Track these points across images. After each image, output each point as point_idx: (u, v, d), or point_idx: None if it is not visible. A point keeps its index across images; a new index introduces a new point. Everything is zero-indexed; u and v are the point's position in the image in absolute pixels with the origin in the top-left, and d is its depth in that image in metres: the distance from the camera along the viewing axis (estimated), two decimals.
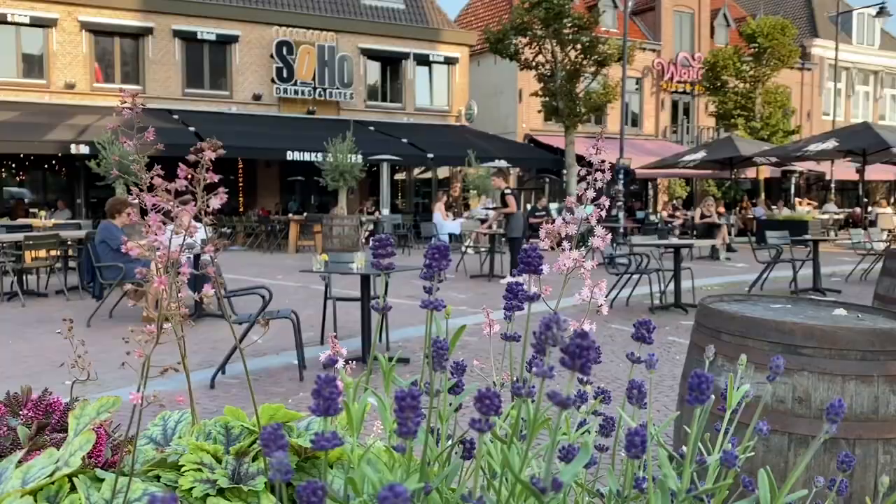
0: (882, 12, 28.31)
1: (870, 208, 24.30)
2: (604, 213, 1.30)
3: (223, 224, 19.56)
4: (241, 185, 23.23)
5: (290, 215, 19.51)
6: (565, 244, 1.27)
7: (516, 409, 1.12)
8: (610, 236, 1.35)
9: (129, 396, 1.26)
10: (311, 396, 0.86)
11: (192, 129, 18.98)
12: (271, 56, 21.93)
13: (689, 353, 2.48)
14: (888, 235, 17.17)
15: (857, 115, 33.86)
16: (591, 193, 1.31)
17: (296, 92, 22.16)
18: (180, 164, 1.21)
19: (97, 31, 20.36)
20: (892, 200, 31.60)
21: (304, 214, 19.87)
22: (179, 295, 1.27)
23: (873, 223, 20.81)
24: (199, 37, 21.31)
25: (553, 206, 21.95)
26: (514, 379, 1.32)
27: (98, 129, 16.79)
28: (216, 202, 1.22)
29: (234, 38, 21.74)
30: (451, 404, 1.28)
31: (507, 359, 1.56)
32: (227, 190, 1.23)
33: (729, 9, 32.06)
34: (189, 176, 1.22)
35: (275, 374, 5.78)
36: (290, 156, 19.10)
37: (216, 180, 1.24)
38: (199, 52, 21.65)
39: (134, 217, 1.35)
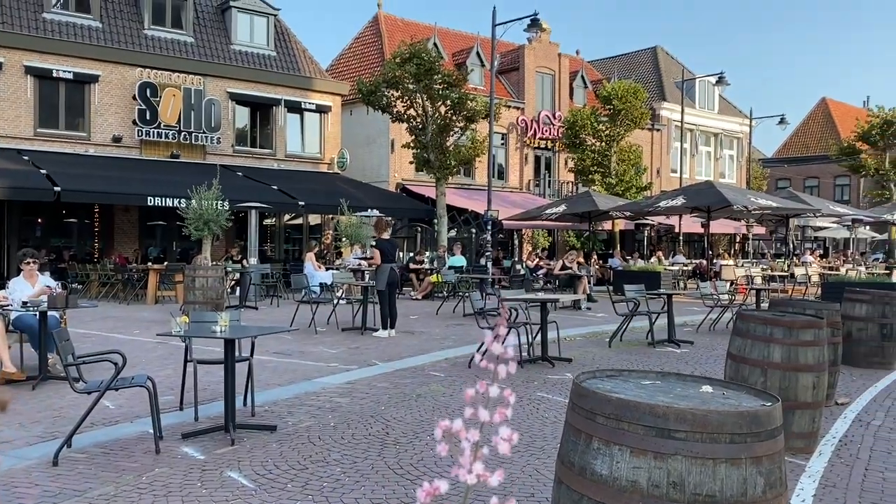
0: (721, 81, 31.07)
1: (714, 260, 26.19)
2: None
3: (76, 274, 18.24)
4: (96, 229, 21.83)
5: (150, 263, 18.49)
6: (467, 443, 1.11)
7: None
8: (516, 365, 1.27)
9: None
10: (168, 474, 0.73)
11: (43, 171, 17.72)
12: (134, 97, 20.97)
13: (566, 434, 2.48)
14: (731, 286, 18.57)
15: (701, 172, 36.75)
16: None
17: (159, 135, 21.26)
18: None
19: None
20: (732, 252, 34.27)
21: (165, 263, 18.89)
22: None
23: (718, 274, 22.42)
24: (54, 75, 20.06)
25: (427, 254, 22.14)
26: None
27: None
28: None
29: (94, 78, 20.63)
30: None
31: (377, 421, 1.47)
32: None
33: (586, 72, 34.11)
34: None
35: (128, 445, 5.33)
36: (151, 201, 18.19)
37: None
38: (54, 90, 20.33)
39: None
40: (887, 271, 23.40)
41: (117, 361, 5.03)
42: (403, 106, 22.03)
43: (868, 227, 32.07)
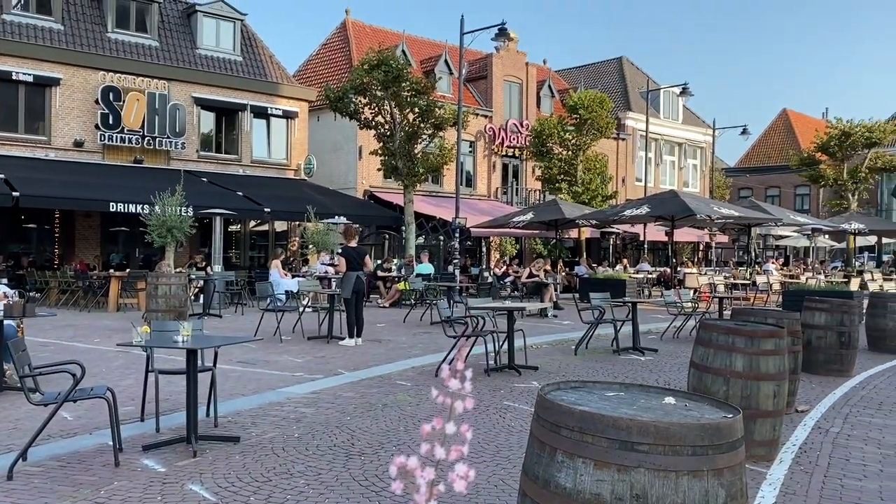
0: (684, 91, 31.58)
1: (678, 268, 26.54)
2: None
3: (35, 281, 17.80)
4: (56, 235, 21.37)
5: (112, 270, 18.15)
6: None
7: None
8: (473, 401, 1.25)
9: None
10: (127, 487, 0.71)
11: (1, 175, 17.35)
12: (96, 101, 20.62)
13: (530, 446, 2.48)
14: (694, 294, 18.82)
15: (665, 181, 37.29)
16: None
17: (122, 140, 20.92)
18: None
19: None
20: (695, 260, 34.79)
21: (127, 270, 18.56)
22: None
23: (681, 282, 22.72)
24: (14, 77, 19.64)
25: (395, 262, 22.08)
26: None
27: None
28: None
29: (56, 81, 20.24)
30: None
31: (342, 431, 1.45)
32: None
33: (553, 81, 34.43)
34: None
35: (86, 458, 5.21)
36: (113, 207, 17.87)
37: None
38: (13, 93, 19.90)
39: None
40: (845, 279, 23.93)
41: (76, 372, 4.91)
42: (371, 113, 21.99)
43: (827, 237, 32.79)
